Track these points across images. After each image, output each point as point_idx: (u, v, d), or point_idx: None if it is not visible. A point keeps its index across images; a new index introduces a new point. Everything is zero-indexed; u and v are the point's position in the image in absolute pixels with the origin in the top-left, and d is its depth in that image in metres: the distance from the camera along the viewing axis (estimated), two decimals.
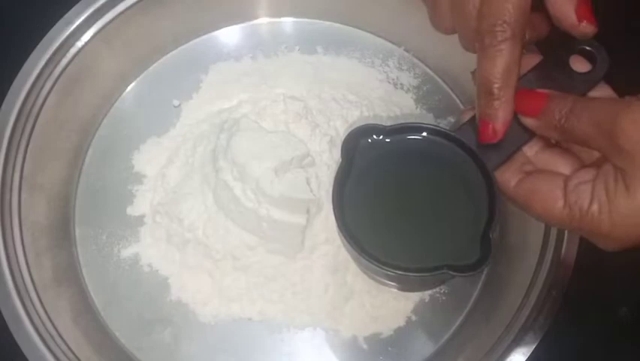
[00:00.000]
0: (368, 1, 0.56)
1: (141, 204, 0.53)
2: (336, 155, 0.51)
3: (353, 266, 0.48)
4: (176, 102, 0.56)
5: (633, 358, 0.49)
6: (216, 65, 0.57)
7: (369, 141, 0.39)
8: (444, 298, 0.51)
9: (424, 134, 0.38)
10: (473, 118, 0.37)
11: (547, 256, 0.46)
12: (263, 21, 0.59)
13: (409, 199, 0.38)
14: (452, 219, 0.37)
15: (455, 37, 0.53)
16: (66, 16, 0.51)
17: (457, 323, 0.51)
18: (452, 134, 0.38)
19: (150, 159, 0.55)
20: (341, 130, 0.52)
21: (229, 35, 0.58)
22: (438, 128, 0.38)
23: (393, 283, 0.41)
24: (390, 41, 0.58)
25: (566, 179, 0.34)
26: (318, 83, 0.56)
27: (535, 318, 0.45)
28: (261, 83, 0.56)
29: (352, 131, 0.39)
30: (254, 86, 0.56)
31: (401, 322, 0.50)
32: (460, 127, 0.38)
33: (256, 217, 0.48)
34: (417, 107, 0.56)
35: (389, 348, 0.50)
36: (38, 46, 0.50)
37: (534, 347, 0.44)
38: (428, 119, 0.56)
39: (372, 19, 0.58)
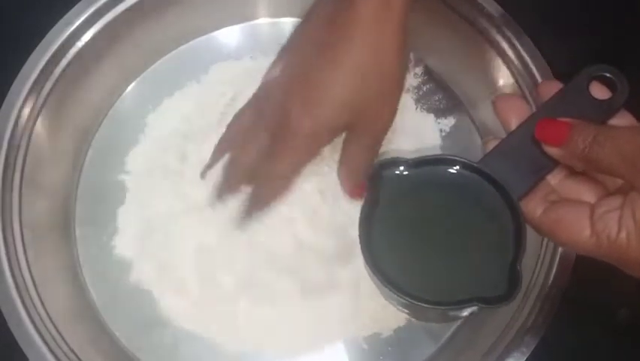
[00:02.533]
0: None
1: None
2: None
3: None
4: (176, 102, 0.56)
5: (633, 359, 0.49)
6: (216, 66, 0.57)
7: (394, 173, 0.39)
8: None
9: (448, 165, 0.39)
10: (496, 148, 0.37)
11: (545, 257, 0.46)
12: (263, 21, 0.59)
13: (435, 232, 0.38)
14: (479, 251, 0.37)
15: (455, 37, 0.54)
16: (66, 16, 0.51)
17: (457, 323, 0.51)
18: (476, 165, 0.38)
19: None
20: None
21: (229, 36, 0.58)
22: (461, 159, 0.38)
23: (412, 313, 0.41)
24: None
25: (592, 207, 0.34)
26: None
27: (534, 319, 0.45)
28: None
29: (377, 164, 0.39)
30: (254, 87, 0.55)
31: (401, 322, 0.50)
32: (483, 158, 0.38)
33: None
34: (417, 107, 0.56)
35: (389, 348, 0.50)
36: (38, 46, 0.50)
37: (533, 347, 0.45)
38: (428, 119, 0.56)
39: None
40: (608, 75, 0.37)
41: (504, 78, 0.52)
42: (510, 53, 0.51)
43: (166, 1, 0.54)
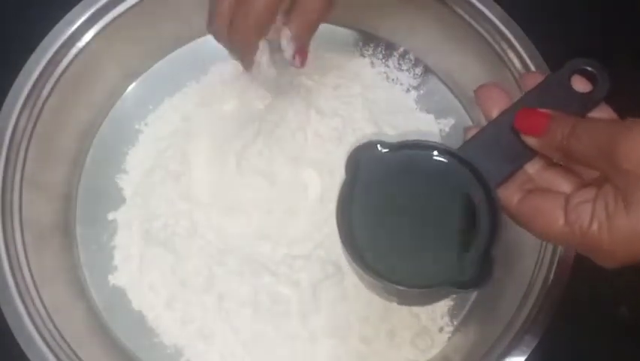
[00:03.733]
0: (368, 2, 0.56)
1: None
2: (334, 154, 0.51)
3: None
4: (176, 103, 0.56)
5: (633, 357, 0.49)
6: (216, 66, 0.57)
7: (372, 156, 0.39)
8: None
9: (427, 150, 0.39)
10: (476, 136, 0.38)
11: (545, 256, 0.46)
12: None
13: (412, 216, 0.38)
14: (455, 235, 0.37)
15: (455, 37, 0.54)
16: (67, 16, 0.51)
17: (457, 322, 0.51)
18: (454, 151, 0.38)
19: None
20: (341, 130, 0.52)
21: None
22: (441, 145, 0.39)
23: (394, 298, 0.41)
24: (391, 41, 0.58)
25: (567, 197, 0.35)
26: None
27: (534, 318, 0.45)
28: None
29: (355, 147, 0.39)
30: (254, 87, 0.55)
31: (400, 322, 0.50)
32: (462, 145, 0.38)
33: None
34: (417, 107, 0.57)
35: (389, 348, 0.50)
36: (39, 46, 0.50)
37: (533, 346, 0.45)
38: (428, 119, 0.56)
39: (372, 20, 0.58)
40: (589, 69, 0.37)
41: (504, 78, 0.52)
42: (509, 53, 0.51)
43: (166, 2, 0.54)
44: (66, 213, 0.53)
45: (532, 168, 0.37)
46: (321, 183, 0.51)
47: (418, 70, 0.57)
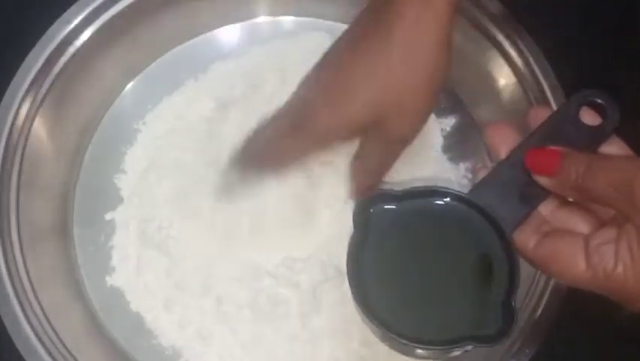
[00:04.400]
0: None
1: None
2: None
3: None
4: (175, 101, 0.56)
5: (635, 359, 0.49)
6: (215, 64, 0.56)
7: (381, 208, 0.38)
8: None
9: (438, 197, 0.38)
10: (486, 178, 0.37)
11: None
12: (262, 20, 0.58)
13: (425, 268, 0.37)
14: (472, 287, 0.36)
15: (456, 35, 0.53)
16: (65, 15, 0.50)
17: None
18: (466, 197, 0.37)
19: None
20: None
21: (228, 34, 0.58)
22: (452, 191, 0.37)
23: (411, 353, 0.39)
24: None
25: (586, 239, 0.33)
26: None
27: (535, 322, 0.45)
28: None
29: (364, 200, 0.38)
30: (253, 86, 0.55)
31: None
32: (473, 188, 0.37)
33: None
34: None
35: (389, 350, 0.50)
36: (37, 45, 0.50)
37: (534, 351, 0.44)
38: (429, 118, 0.56)
39: None
40: (598, 101, 0.36)
41: (505, 77, 0.51)
42: (511, 51, 0.51)
43: (164, 0, 0.53)
44: (63, 213, 0.53)
45: (546, 208, 0.36)
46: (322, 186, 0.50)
47: None
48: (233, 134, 0.53)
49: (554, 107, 0.48)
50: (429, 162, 0.54)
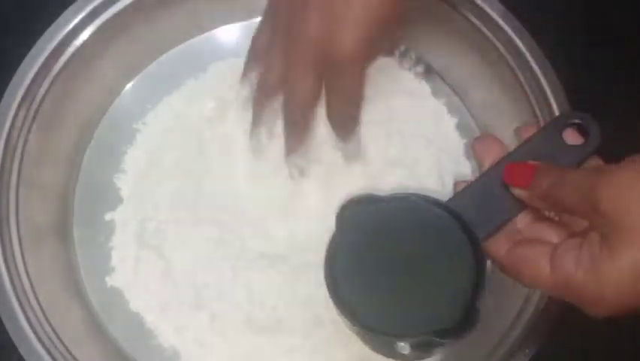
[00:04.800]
0: None
1: None
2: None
3: None
4: (174, 101, 0.55)
5: (634, 359, 0.49)
6: (215, 64, 0.56)
7: (362, 210, 0.40)
8: None
9: (416, 202, 0.40)
10: (466, 188, 0.39)
11: None
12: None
13: (399, 267, 0.39)
14: (441, 287, 0.38)
15: (456, 37, 0.53)
16: (64, 15, 0.50)
17: None
18: (443, 203, 0.39)
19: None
20: None
21: (228, 34, 0.58)
22: (430, 198, 0.40)
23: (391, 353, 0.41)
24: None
25: (554, 247, 0.35)
26: None
27: (535, 323, 0.45)
28: None
29: (346, 202, 0.40)
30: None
31: None
32: (452, 197, 0.39)
33: None
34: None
35: None
36: (36, 45, 0.50)
37: (534, 351, 0.44)
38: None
39: None
40: (581, 122, 0.38)
41: (507, 79, 0.51)
42: (513, 53, 0.50)
43: (164, 0, 0.53)
44: (63, 213, 0.53)
45: (522, 221, 0.38)
46: (321, 191, 0.50)
47: (419, 68, 0.57)
48: (233, 134, 0.53)
49: (555, 108, 0.48)
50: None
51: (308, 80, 0.43)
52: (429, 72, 0.57)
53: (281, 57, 0.43)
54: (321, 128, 0.50)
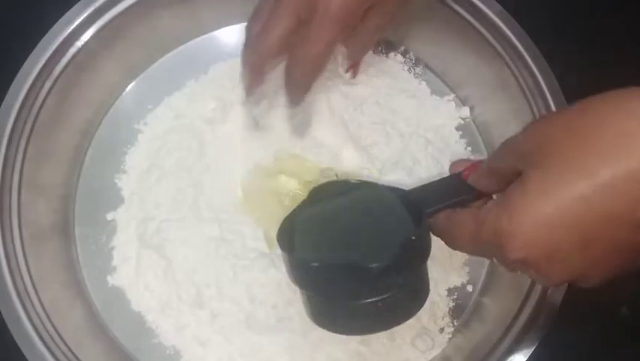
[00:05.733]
0: None
1: None
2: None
3: None
4: (175, 102, 0.56)
5: (633, 358, 0.49)
6: (216, 65, 0.56)
7: (327, 191, 0.45)
8: None
9: (371, 188, 0.44)
10: (427, 184, 0.42)
11: None
12: None
13: (347, 238, 0.41)
14: (386, 225, 0.41)
15: (456, 38, 0.54)
16: (65, 15, 0.50)
17: (458, 323, 0.51)
18: (394, 187, 0.43)
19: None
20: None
21: (229, 35, 0.58)
22: (386, 185, 0.43)
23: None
24: (391, 40, 0.58)
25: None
26: None
27: (535, 319, 0.45)
28: None
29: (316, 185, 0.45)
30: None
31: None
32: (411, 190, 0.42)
33: None
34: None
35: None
36: (38, 45, 0.50)
37: (534, 347, 0.45)
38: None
39: None
40: None
41: (506, 79, 0.52)
42: (511, 54, 0.51)
43: (165, 1, 0.54)
44: (65, 213, 0.53)
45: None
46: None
47: (419, 69, 0.57)
48: (233, 134, 0.53)
49: (552, 106, 0.48)
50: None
51: (283, 23, 0.42)
52: (428, 72, 0.57)
53: (269, 7, 0.44)
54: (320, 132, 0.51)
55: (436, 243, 0.40)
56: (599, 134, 0.30)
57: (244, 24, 0.57)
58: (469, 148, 0.55)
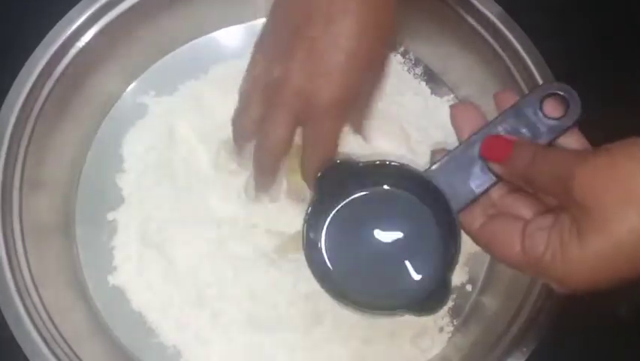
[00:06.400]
0: None
1: None
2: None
3: None
4: (176, 103, 0.56)
5: (633, 359, 0.49)
6: (216, 66, 0.57)
7: (341, 176, 0.40)
8: None
9: (394, 171, 0.40)
10: (443, 159, 0.38)
11: None
12: (263, 21, 0.58)
13: (375, 238, 0.39)
14: (414, 259, 0.39)
15: (455, 39, 0.54)
16: (67, 16, 0.51)
17: (457, 322, 0.51)
18: (420, 173, 0.39)
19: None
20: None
21: (229, 36, 0.58)
22: (406, 166, 0.39)
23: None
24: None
25: (525, 224, 0.35)
26: None
27: (534, 318, 0.45)
28: None
29: (329, 168, 0.40)
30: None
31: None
32: (429, 167, 0.39)
33: None
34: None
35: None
36: (39, 46, 0.50)
37: (534, 347, 0.45)
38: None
39: None
40: (561, 93, 0.37)
41: (505, 78, 0.52)
42: (510, 54, 0.51)
43: (166, 1, 0.54)
44: (66, 213, 0.53)
45: (497, 192, 0.38)
46: None
47: (418, 70, 0.57)
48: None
49: None
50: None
51: (282, 126, 0.41)
52: (428, 72, 0.57)
53: (260, 101, 0.42)
54: None
55: None
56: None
57: (244, 25, 0.58)
58: None
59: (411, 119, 0.55)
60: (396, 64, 0.57)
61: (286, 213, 0.51)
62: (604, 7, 0.55)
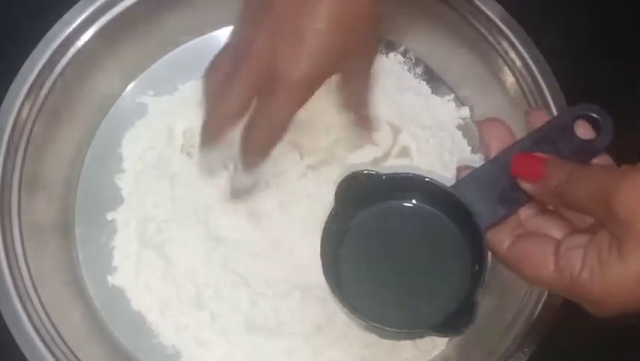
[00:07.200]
0: None
1: None
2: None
3: None
4: (175, 102, 0.56)
5: (634, 359, 0.49)
6: None
7: (362, 189, 0.39)
8: None
9: (419, 185, 0.38)
10: (470, 175, 0.37)
11: None
12: None
13: (399, 257, 0.38)
14: (440, 278, 0.38)
15: (456, 38, 0.54)
16: (66, 16, 0.51)
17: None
18: (447, 189, 0.37)
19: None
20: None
21: (229, 35, 0.58)
22: (433, 181, 0.38)
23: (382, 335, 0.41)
24: (391, 40, 0.58)
25: (558, 243, 0.34)
26: None
27: (535, 320, 0.45)
28: None
29: (344, 178, 0.39)
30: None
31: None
32: (456, 183, 0.38)
33: None
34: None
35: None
36: (38, 45, 0.50)
37: (534, 348, 0.44)
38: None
39: None
40: (594, 116, 0.36)
41: (505, 78, 0.52)
42: (511, 54, 0.51)
43: (166, 1, 0.54)
44: (65, 213, 0.53)
45: (525, 213, 0.37)
46: (320, 188, 0.51)
47: (419, 70, 0.57)
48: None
49: (554, 109, 0.48)
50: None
51: (239, 94, 0.41)
52: (428, 72, 0.57)
53: (227, 60, 0.42)
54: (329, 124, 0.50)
55: None
56: None
57: None
58: (470, 148, 0.55)
59: (411, 119, 0.55)
60: (396, 64, 0.57)
61: (285, 212, 0.51)
62: (606, 6, 0.55)
